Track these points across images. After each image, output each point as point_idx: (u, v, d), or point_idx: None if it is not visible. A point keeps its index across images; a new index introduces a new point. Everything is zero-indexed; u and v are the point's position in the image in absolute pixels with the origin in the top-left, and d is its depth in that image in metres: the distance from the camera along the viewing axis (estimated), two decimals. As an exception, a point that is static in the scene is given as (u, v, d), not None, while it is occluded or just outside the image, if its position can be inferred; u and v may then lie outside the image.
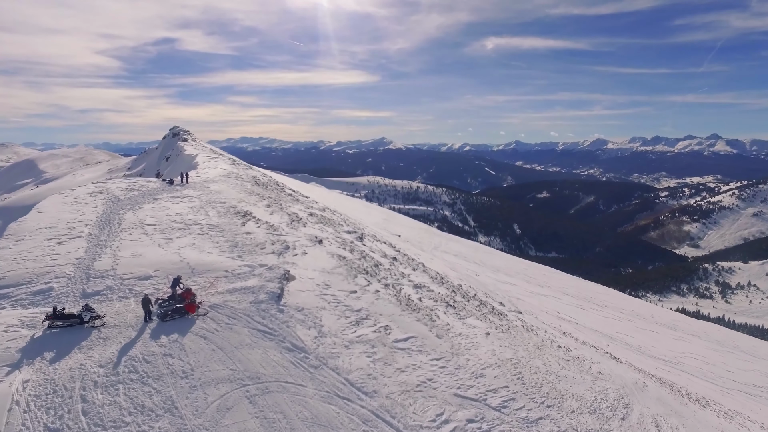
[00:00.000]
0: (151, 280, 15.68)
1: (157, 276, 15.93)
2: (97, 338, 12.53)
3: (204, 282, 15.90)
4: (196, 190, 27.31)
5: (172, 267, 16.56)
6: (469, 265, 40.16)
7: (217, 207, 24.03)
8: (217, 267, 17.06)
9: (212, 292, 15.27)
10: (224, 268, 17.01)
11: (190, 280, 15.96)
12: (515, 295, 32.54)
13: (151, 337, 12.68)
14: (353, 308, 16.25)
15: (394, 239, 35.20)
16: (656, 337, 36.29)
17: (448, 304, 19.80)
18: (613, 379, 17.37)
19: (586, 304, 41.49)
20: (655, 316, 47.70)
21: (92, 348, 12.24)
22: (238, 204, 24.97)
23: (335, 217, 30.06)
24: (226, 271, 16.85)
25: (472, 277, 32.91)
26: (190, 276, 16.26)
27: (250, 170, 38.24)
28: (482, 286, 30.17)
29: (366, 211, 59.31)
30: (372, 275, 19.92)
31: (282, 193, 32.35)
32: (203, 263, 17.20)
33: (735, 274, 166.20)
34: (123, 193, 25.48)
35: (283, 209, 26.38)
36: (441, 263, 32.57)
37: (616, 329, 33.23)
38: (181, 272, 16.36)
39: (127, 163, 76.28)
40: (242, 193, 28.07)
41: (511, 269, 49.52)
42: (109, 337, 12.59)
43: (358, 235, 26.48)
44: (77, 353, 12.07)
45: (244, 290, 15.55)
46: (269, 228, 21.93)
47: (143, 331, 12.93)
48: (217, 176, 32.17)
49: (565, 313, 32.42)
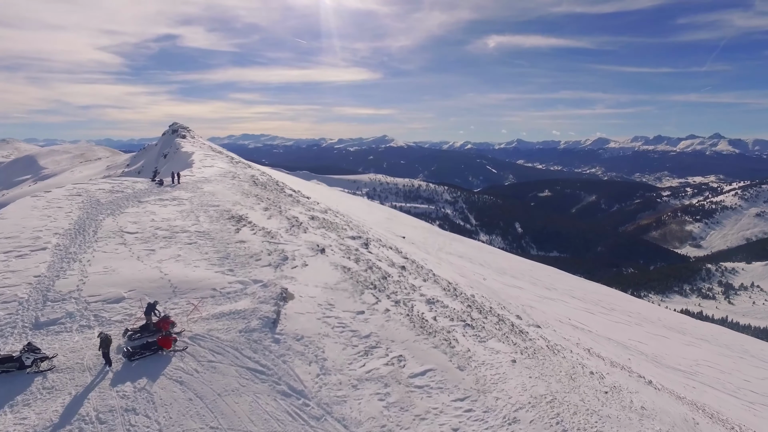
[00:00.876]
0: (123, 303, 13.19)
1: (131, 298, 13.47)
2: (39, 388, 9.89)
3: (186, 305, 13.50)
4: (188, 191, 24.93)
5: (150, 286, 14.19)
6: (474, 268, 37.98)
7: (210, 211, 21.75)
8: (204, 285, 14.71)
9: (195, 317, 12.89)
10: (212, 286, 14.68)
11: (170, 302, 13.59)
12: (526, 302, 30.39)
13: (113, 385, 10.26)
14: (361, 333, 13.95)
15: (400, 242, 32.97)
16: (667, 343, 34.40)
17: (466, 323, 17.47)
18: (659, 416, 15.07)
19: (593, 308, 39.47)
20: (662, 319, 45.94)
21: (30, 404, 9.52)
22: (233, 207, 22.71)
23: (338, 220, 27.79)
24: (214, 289, 14.54)
25: (481, 282, 30.73)
26: (171, 297, 13.88)
27: (248, 169, 35.99)
28: (493, 294, 28.00)
29: (368, 210, 57.22)
30: (380, 290, 17.67)
31: (282, 193, 30.13)
32: (187, 280, 14.86)
33: (738, 274, 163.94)
34: (105, 195, 23.00)
35: (282, 213, 24.17)
36: (449, 269, 30.37)
37: (628, 335, 31.23)
38: (162, 291, 13.98)
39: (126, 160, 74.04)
40: (238, 194, 25.87)
41: (516, 270, 47.46)
42: (57, 387, 9.98)
43: (363, 241, 24.26)
44: (6, 413, 9.31)
45: (233, 315, 13.18)
46: (266, 235, 19.73)
47: (103, 376, 10.50)
48: (212, 176, 29.87)
49: (576, 320, 30.29)
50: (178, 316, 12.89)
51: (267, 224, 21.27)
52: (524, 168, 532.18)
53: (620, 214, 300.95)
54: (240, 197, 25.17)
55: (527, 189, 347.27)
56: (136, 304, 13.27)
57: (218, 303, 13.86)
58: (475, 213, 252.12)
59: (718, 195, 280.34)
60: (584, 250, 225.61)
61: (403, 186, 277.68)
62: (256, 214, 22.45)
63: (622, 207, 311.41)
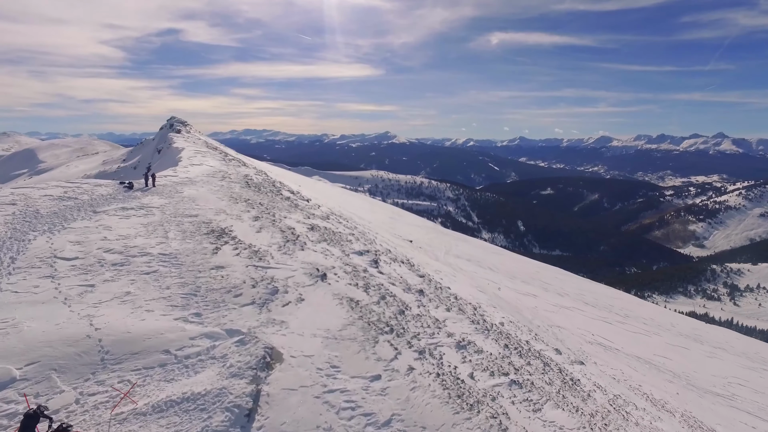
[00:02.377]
0: (10, 390, 8.44)
1: (29, 378, 8.63)
2: None
3: (118, 385, 9.01)
4: (163, 196, 20.48)
5: (65, 354, 9.33)
6: (485, 273, 36.94)
7: (184, 223, 17.31)
8: (153, 344, 10.05)
9: (123, 413, 8.32)
10: (165, 346, 10.02)
11: (91, 382, 8.91)
12: (545, 314, 28.95)
13: None
14: (379, 419, 9.47)
15: (410, 249, 31.64)
16: (689, 355, 33.39)
17: (511, 379, 13.21)
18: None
19: (608, 316, 38.51)
20: (675, 326, 45.06)
21: None
22: (215, 218, 18.56)
23: (342, 228, 25.48)
24: (167, 352, 9.87)
25: (497, 294, 29.42)
26: (96, 371, 9.18)
27: (242, 168, 32.95)
28: (516, 312, 25.71)
29: (371, 209, 56.25)
30: (399, 334, 13.51)
31: (278, 196, 27.00)
32: (129, 338, 10.10)
33: (744, 276, 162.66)
34: (49, 204, 18.02)
35: (275, 223, 20.18)
36: (466, 282, 27.90)
37: (651, 350, 30.13)
38: (83, 362, 9.31)
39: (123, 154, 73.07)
40: (225, 199, 21.89)
41: (525, 274, 46.56)
42: None
43: (372, 258, 20.97)
44: None
45: (186, 404, 8.54)
46: (252, 256, 15.59)
47: None
48: (198, 176, 25.98)
49: (597, 333, 29.17)
50: (97, 410, 8.28)
51: (255, 239, 17.34)
52: (527, 166, 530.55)
53: (623, 213, 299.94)
54: (227, 203, 21.26)
55: (529, 187, 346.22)
56: (35, 385, 8.51)
57: (168, 378, 9.29)
58: (478, 211, 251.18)
59: (721, 195, 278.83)
60: (587, 249, 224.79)
61: (405, 183, 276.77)
62: (243, 226, 18.48)
63: (624, 206, 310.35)
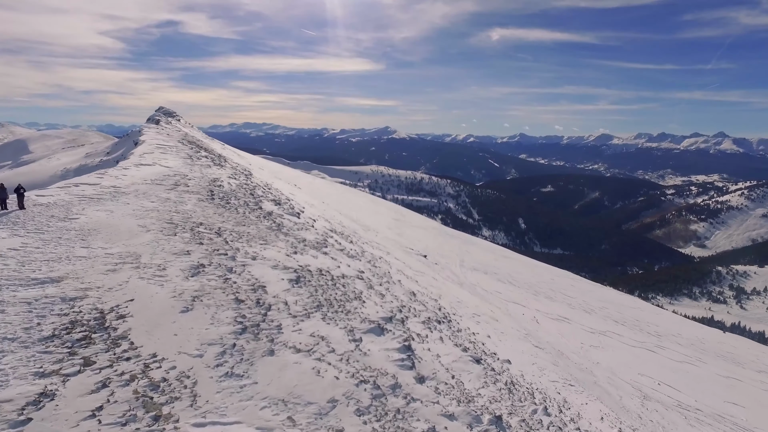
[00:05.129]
0: None
1: None
2: None
3: None
4: (28, 226, 11.86)
5: None
6: (511, 293, 32.29)
7: (15, 305, 8.07)
8: None
9: None
10: None
11: None
12: (588, 350, 24.38)
13: None
14: None
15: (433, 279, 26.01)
16: (750, 393, 28.14)
17: None
18: None
19: (645, 339, 33.49)
20: (703, 340, 41.50)
21: None
22: (101, 282, 9.36)
23: (345, 265, 16.28)
24: None
25: (537, 333, 24.54)
26: None
27: (214, 168, 24.99)
28: (560, 356, 20.75)
29: (374, 209, 52.36)
30: None
31: (254, 213, 18.03)
32: None
33: (750, 278, 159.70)
34: None
35: (228, 279, 10.86)
36: (512, 331, 19.93)
37: (685, 382, 25.85)
38: None
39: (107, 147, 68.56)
40: (153, 228, 13.16)
41: (545, 285, 42.81)
42: None
43: (402, 339, 11.18)
44: None
45: None
46: (141, 405, 6.22)
47: None
48: (135, 183, 18.45)
49: (657, 377, 23.62)
50: None
51: (168, 341, 7.88)
52: (527, 162, 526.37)
53: (623, 212, 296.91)
54: (151, 237, 12.40)
55: (530, 184, 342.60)
56: None
57: None
58: (478, 207, 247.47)
59: (723, 194, 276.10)
60: (588, 248, 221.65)
61: (406, 178, 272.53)
62: (156, 299, 9.07)
63: (625, 204, 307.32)
